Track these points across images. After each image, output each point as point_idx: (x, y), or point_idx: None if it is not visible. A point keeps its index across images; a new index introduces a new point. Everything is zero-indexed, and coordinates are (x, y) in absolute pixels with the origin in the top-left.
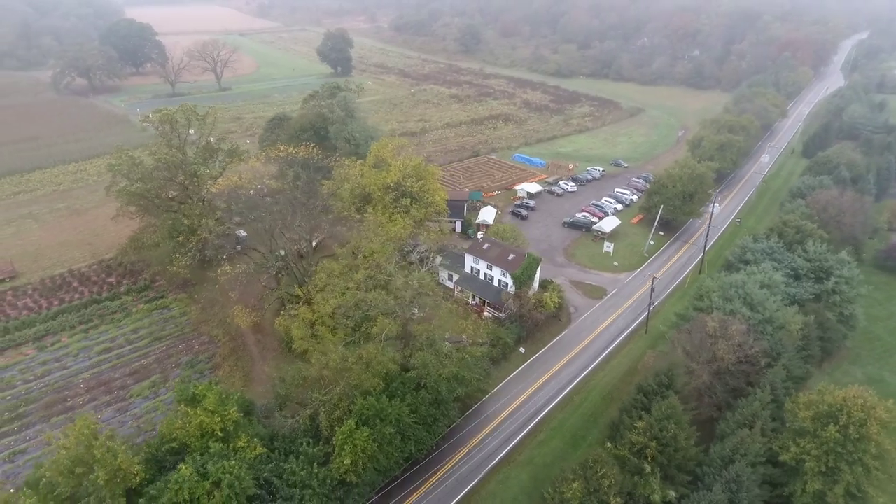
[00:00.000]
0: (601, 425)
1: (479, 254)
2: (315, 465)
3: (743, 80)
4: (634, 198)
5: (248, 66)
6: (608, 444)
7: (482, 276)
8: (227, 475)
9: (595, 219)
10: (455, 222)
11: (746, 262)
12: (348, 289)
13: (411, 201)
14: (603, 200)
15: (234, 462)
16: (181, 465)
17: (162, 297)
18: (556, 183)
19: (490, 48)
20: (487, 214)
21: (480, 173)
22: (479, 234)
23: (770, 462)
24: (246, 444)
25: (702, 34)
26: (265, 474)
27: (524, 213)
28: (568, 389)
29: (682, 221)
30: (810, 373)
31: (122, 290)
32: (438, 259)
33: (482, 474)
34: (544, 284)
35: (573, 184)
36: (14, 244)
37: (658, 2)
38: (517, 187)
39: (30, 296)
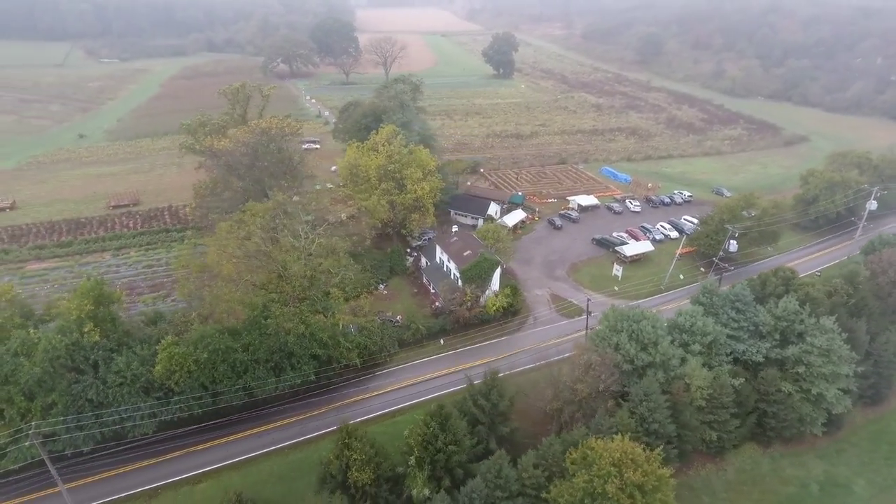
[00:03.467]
0: None
1: (444, 246)
2: (138, 363)
3: None
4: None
5: (427, 63)
6: (405, 432)
7: (444, 268)
8: (46, 342)
9: (631, 240)
10: (478, 219)
11: (700, 304)
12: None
13: (394, 186)
14: (657, 225)
15: (60, 336)
16: (30, 329)
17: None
18: (622, 200)
19: (668, 60)
20: (511, 217)
21: (549, 180)
22: (454, 228)
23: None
24: (89, 330)
25: None
26: (94, 357)
27: (559, 223)
28: (458, 387)
29: (737, 261)
30: (716, 444)
31: (189, 225)
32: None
33: (322, 432)
34: (508, 289)
35: (637, 203)
36: (151, 182)
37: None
38: (570, 198)
39: (133, 219)
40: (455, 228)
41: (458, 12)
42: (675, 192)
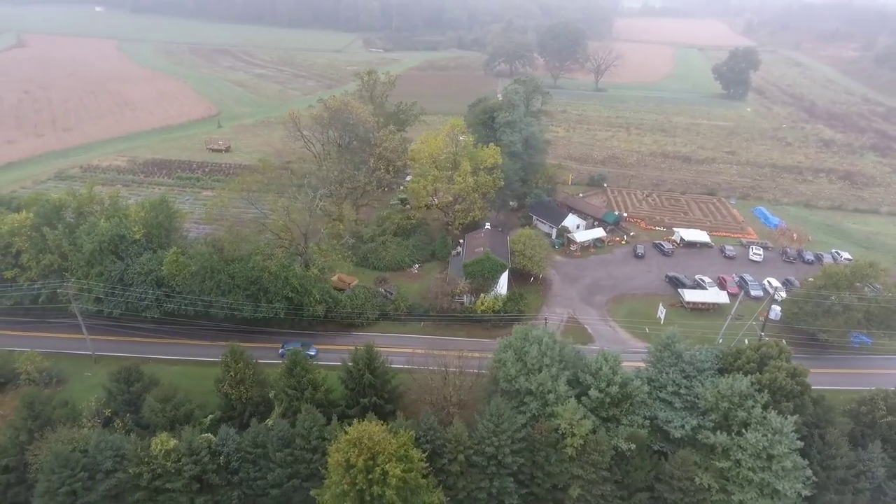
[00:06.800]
0: None
1: (469, 240)
2: (155, 262)
3: None
4: None
5: (656, 75)
6: None
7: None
8: (99, 229)
9: (714, 287)
10: (553, 228)
11: (652, 356)
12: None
13: (445, 176)
14: (765, 280)
15: (109, 227)
16: (102, 220)
17: None
18: (746, 245)
19: None
20: (584, 234)
21: (677, 208)
22: (486, 226)
23: None
24: (136, 231)
25: None
26: (131, 250)
27: (641, 251)
28: (401, 366)
29: (834, 340)
30: None
31: None
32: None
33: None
34: (508, 294)
35: (760, 252)
36: None
37: None
38: (676, 229)
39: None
40: (487, 226)
41: (735, 26)
42: (833, 251)
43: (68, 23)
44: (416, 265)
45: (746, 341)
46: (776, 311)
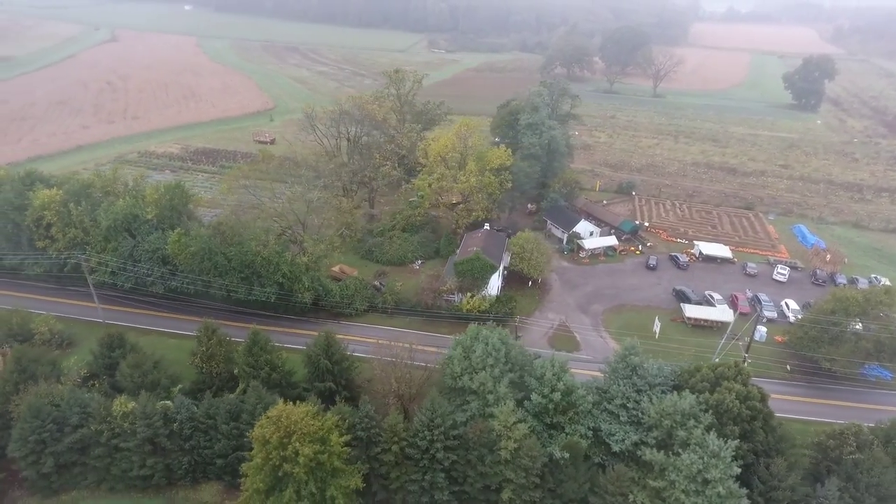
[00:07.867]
0: None
1: (465, 239)
2: (162, 241)
3: None
4: None
5: (725, 83)
6: None
7: None
8: (114, 208)
9: (723, 304)
10: (565, 233)
11: (607, 366)
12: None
13: (451, 174)
14: (783, 301)
15: (122, 206)
16: (120, 200)
17: None
18: (773, 264)
19: None
20: (592, 241)
21: (704, 221)
22: (485, 227)
23: None
24: (149, 211)
25: None
26: (143, 228)
27: (653, 263)
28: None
29: (838, 370)
30: None
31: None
32: None
33: None
34: (503, 299)
35: (785, 273)
36: None
37: None
38: (696, 243)
39: None
40: (486, 227)
41: (824, 33)
42: (872, 276)
43: (158, 20)
44: (419, 261)
45: (747, 363)
46: (761, 332)
